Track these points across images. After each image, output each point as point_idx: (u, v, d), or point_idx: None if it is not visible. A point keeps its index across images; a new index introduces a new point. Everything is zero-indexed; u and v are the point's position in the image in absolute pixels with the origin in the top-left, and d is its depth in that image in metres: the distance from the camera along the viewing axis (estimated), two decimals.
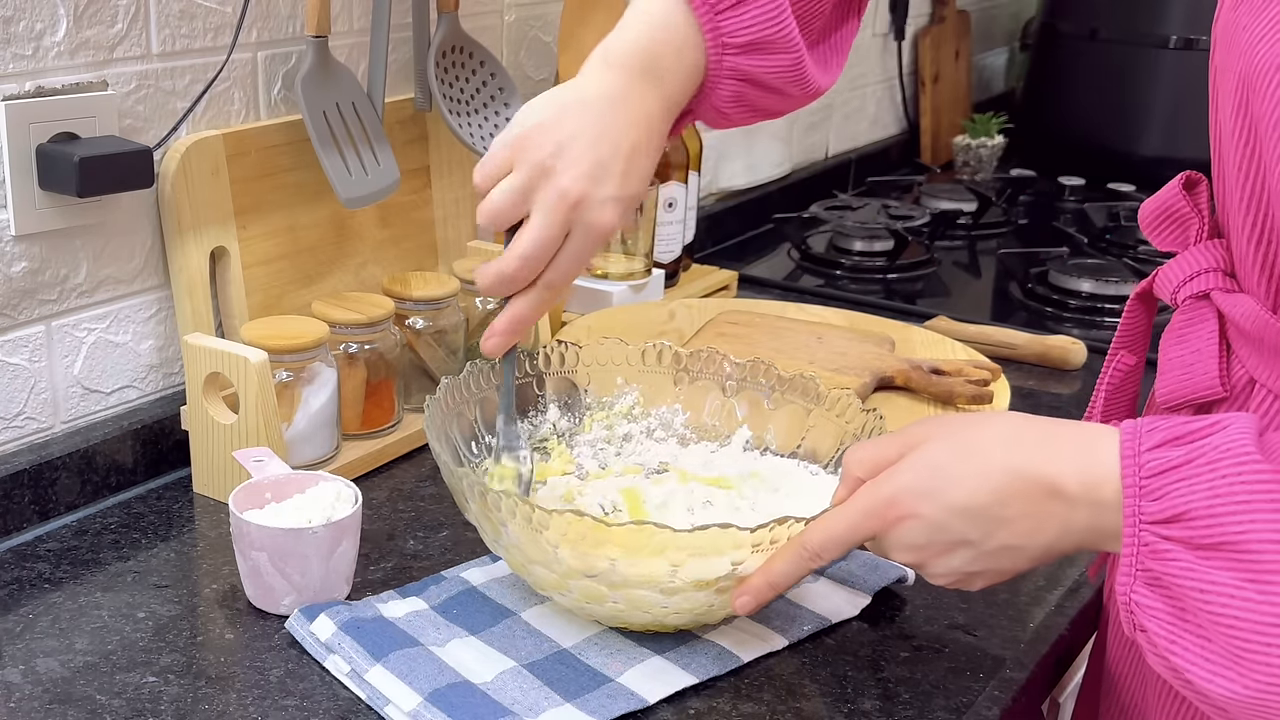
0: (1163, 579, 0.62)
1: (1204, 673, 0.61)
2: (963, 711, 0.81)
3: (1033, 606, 0.93)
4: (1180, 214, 0.77)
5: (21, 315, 0.99)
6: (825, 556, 0.75)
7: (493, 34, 1.35)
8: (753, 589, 0.78)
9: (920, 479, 0.70)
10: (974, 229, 1.92)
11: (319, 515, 0.88)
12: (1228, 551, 0.60)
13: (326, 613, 0.84)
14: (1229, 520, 0.60)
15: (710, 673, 0.83)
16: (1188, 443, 0.63)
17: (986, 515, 0.68)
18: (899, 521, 0.71)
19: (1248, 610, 0.59)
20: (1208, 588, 0.61)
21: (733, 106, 0.86)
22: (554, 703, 0.79)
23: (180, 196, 1.05)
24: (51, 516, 1.00)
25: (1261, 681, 0.59)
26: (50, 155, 0.96)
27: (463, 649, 0.83)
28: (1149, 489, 0.63)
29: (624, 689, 0.80)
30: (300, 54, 1.14)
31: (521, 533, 0.79)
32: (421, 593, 0.90)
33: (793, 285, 1.66)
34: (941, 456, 0.70)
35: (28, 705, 0.78)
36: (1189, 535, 0.61)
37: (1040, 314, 1.59)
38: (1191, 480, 0.62)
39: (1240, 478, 0.60)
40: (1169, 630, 0.63)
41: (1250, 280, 0.71)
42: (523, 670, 0.82)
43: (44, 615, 0.87)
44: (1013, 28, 2.66)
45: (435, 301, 1.16)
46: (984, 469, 0.69)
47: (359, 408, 1.10)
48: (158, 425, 1.07)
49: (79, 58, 0.99)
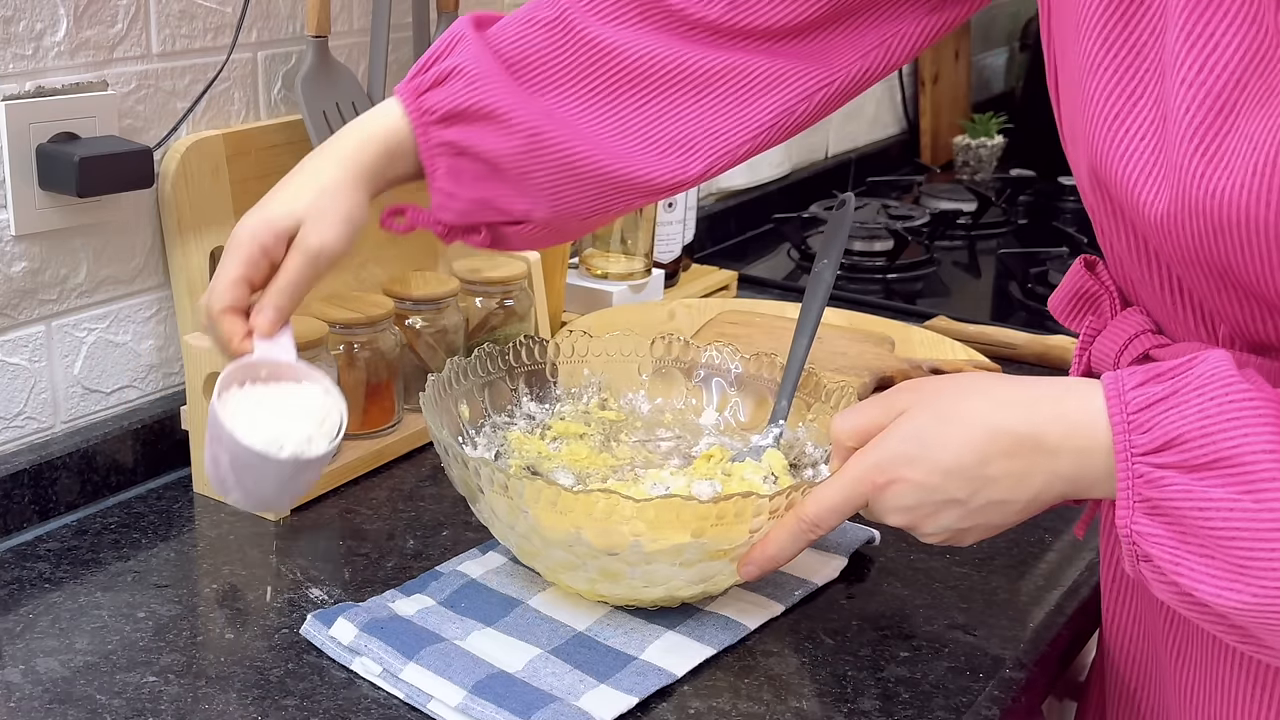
0: (1161, 505, 0.64)
1: (1211, 588, 0.62)
2: (963, 711, 0.81)
3: (1033, 606, 0.93)
4: (1090, 293, 0.81)
5: (21, 315, 0.99)
6: (823, 525, 0.78)
7: None
8: (756, 560, 0.82)
9: (907, 445, 0.72)
10: (974, 229, 1.92)
11: (296, 433, 0.83)
12: (1222, 468, 0.62)
13: (344, 616, 0.84)
14: (1221, 437, 0.62)
15: (724, 642, 0.86)
16: (1170, 377, 0.65)
17: (972, 474, 0.70)
18: (889, 486, 0.73)
19: (1248, 521, 0.61)
20: (1206, 505, 0.62)
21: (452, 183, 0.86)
22: (589, 685, 0.81)
23: (180, 196, 1.05)
24: (51, 516, 1.00)
25: (1269, 587, 0.61)
26: (50, 155, 0.96)
27: (484, 640, 0.85)
28: (1137, 423, 0.64)
29: (651, 665, 0.83)
30: (300, 54, 1.14)
31: (543, 515, 0.81)
32: (424, 589, 0.90)
33: (793, 285, 1.66)
34: (925, 421, 0.72)
35: (28, 705, 0.78)
36: (1182, 459, 0.63)
37: (1040, 314, 1.58)
38: (1181, 408, 0.63)
39: (1229, 398, 0.62)
40: (1172, 553, 0.64)
41: (1183, 328, 0.73)
42: (550, 656, 0.83)
43: (44, 615, 0.87)
44: (1013, 28, 2.66)
45: (435, 301, 1.16)
46: (966, 430, 0.70)
47: (359, 408, 1.10)
48: (158, 425, 1.07)
49: (79, 58, 0.99)
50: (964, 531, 0.74)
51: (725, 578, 0.85)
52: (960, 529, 0.73)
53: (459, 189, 0.86)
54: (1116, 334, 0.77)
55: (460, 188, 0.86)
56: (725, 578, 0.85)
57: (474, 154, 0.85)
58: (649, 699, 0.80)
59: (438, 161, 0.86)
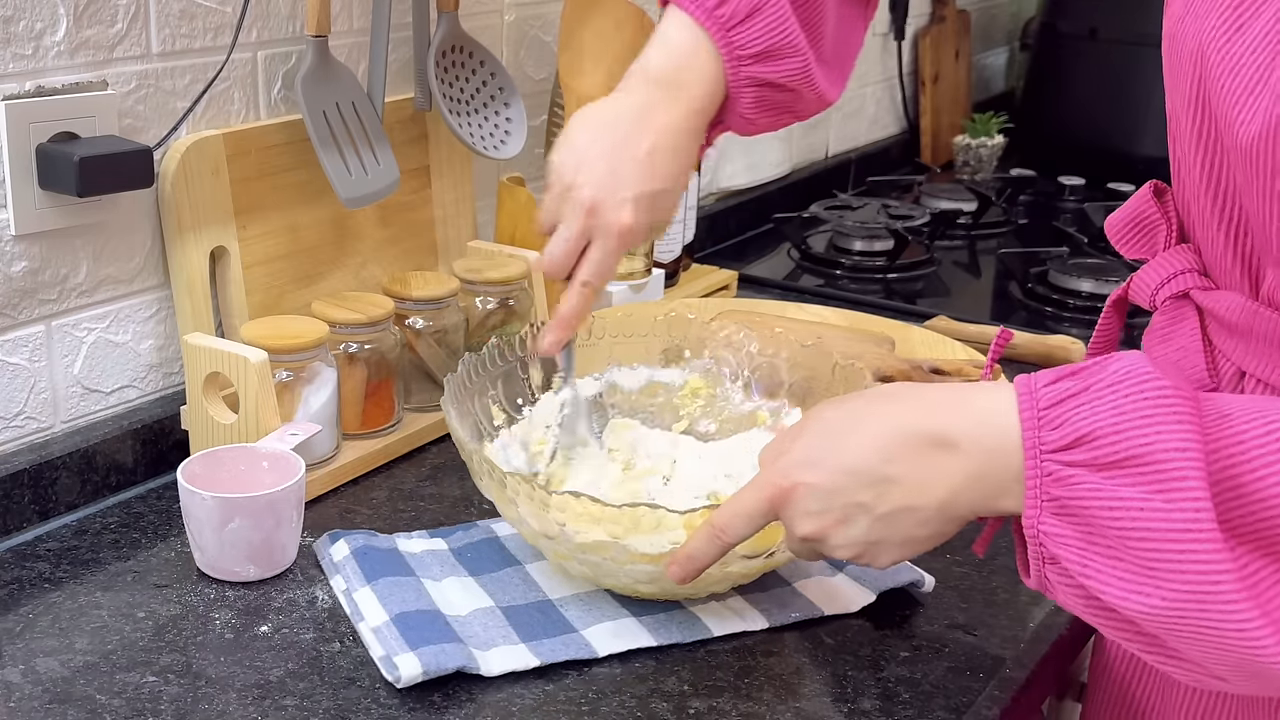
0: (1069, 505, 0.62)
1: (1119, 591, 0.61)
2: (963, 711, 0.81)
3: (1033, 606, 0.93)
4: (1149, 221, 0.78)
5: (21, 315, 0.99)
6: (729, 531, 0.76)
7: (493, 34, 1.35)
8: (678, 560, 0.80)
9: (810, 447, 0.71)
10: (974, 229, 1.92)
11: (247, 484, 0.94)
12: (1133, 466, 0.60)
13: (346, 539, 0.93)
14: (1134, 434, 0.60)
15: (672, 639, 0.86)
16: (1082, 375, 0.63)
17: (875, 475, 0.68)
18: (794, 489, 0.71)
19: (1158, 520, 0.59)
20: (1115, 505, 0.60)
21: (756, 111, 0.94)
22: (510, 641, 0.84)
23: (180, 196, 1.05)
24: (51, 516, 1.00)
25: (1178, 590, 0.59)
26: (50, 155, 0.96)
27: (454, 586, 0.90)
28: (1048, 419, 0.63)
29: (580, 639, 0.85)
30: (300, 54, 1.14)
31: (531, 512, 0.84)
32: (448, 536, 0.97)
33: (793, 285, 1.66)
34: (830, 424, 0.72)
35: (28, 705, 0.78)
36: (1092, 457, 0.61)
37: (1040, 314, 1.59)
38: (1093, 404, 0.62)
39: (1143, 395, 0.61)
40: (1079, 554, 0.62)
41: (1229, 276, 0.72)
42: (497, 610, 0.88)
43: (44, 615, 0.87)
44: (1013, 28, 2.66)
45: (435, 301, 1.16)
46: (869, 430, 0.69)
47: (359, 408, 1.10)
48: (158, 425, 1.07)
49: (79, 57, 0.99)
50: (875, 545, 0.71)
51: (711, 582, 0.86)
52: (871, 541, 0.70)
53: (759, 115, 0.95)
54: (1160, 268, 0.76)
55: (761, 114, 0.95)
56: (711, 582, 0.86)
57: (777, 84, 0.93)
58: (649, 699, 0.80)
59: (744, 92, 0.93)
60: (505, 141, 1.26)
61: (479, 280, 1.21)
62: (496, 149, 1.25)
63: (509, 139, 1.26)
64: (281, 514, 0.91)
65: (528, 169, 1.42)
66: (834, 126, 2.11)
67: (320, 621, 0.88)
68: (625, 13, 1.32)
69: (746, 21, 0.90)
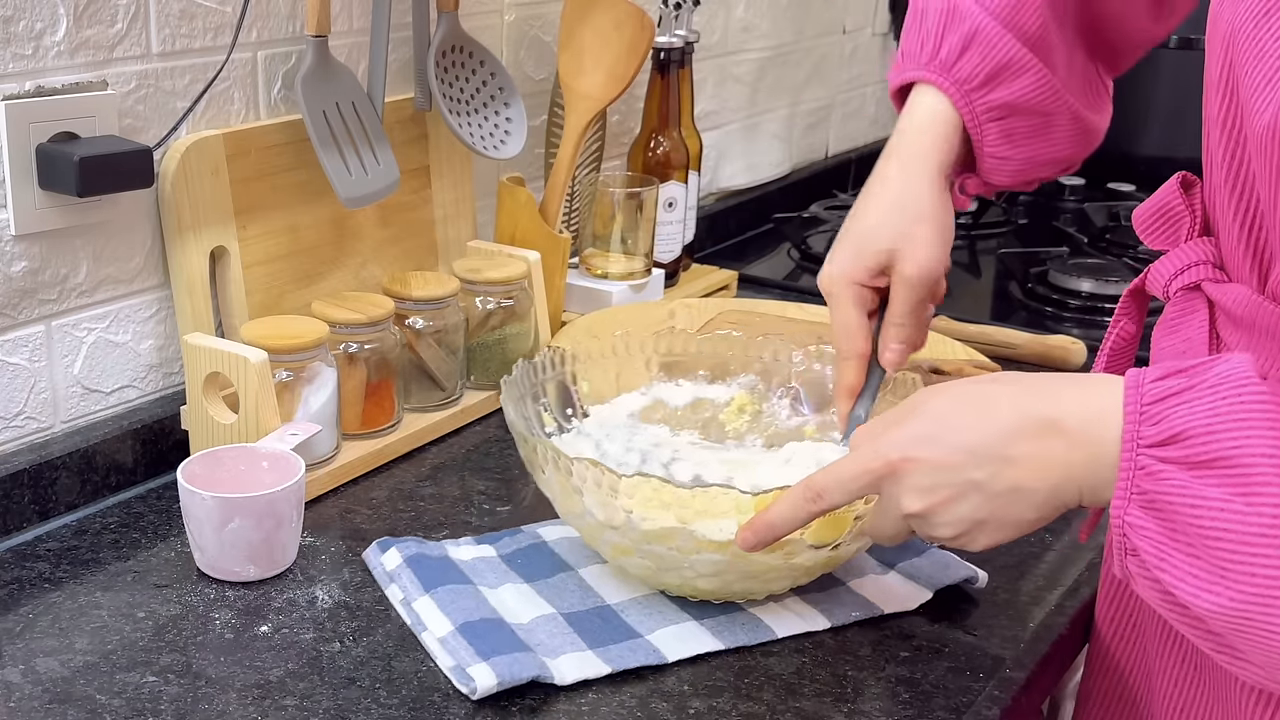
0: (1156, 500, 0.63)
1: (1190, 587, 0.62)
2: (963, 711, 0.81)
3: (1033, 606, 0.93)
4: (1175, 213, 0.79)
5: (21, 315, 0.99)
6: (826, 496, 0.75)
7: (493, 34, 1.35)
8: (754, 526, 0.79)
9: (925, 426, 0.71)
10: (974, 229, 1.92)
11: (247, 484, 0.93)
12: (1221, 467, 0.61)
13: (397, 546, 0.93)
14: (1225, 437, 0.61)
15: (739, 641, 0.85)
16: (1189, 373, 0.64)
17: (993, 454, 0.68)
18: (904, 465, 0.71)
19: (1236, 523, 0.60)
20: (1199, 503, 0.61)
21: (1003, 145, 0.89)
22: (577, 648, 0.83)
23: (180, 196, 1.05)
24: (51, 516, 1.00)
25: (1246, 592, 0.60)
26: (50, 155, 0.96)
27: (512, 592, 0.89)
28: (1149, 414, 0.64)
29: (647, 644, 0.84)
30: (300, 54, 1.14)
31: (598, 501, 0.83)
32: (495, 542, 0.96)
33: (793, 285, 1.66)
34: (945, 406, 0.71)
35: (28, 705, 0.78)
36: (1185, 455, 0.62)
37: (1040, 314, 1.58)
38: (1192, 403, 0.62)
39: (1240, 399, 0.61)
40: (1159, 549, 0.63)
41: (1241, 269, 0.72)
42: (559, 617, 0.87)
43: (44, 615, 0.87)
44: None
45: (435, 301, 1.16)
46: (989, 411, 0.69)
47: (359, 408, 1.10)
48: (158, 425, 1.07)
49: (79, 57, 0.99)
50: (980, 525, 0.71)
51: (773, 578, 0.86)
52: (977, 520, 0.70)
53: (1013, 150, 0.89)
54: (1177, 259, 0.76)
55: (1014, 149, 0.89)
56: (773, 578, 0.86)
57: (1021, 108, 0.88)
58: (649, 699, 0.80)
59: (987, 128, 0.88)
60: (505, 141, 1.26)
61: (479, 280, 1.21)
62: (496, 149, 1.25)
63: (509, 139, 1.26)
64: (281, 514, 0.91)
65: (528, 169, 1.42)
66: (834, 126, 2.11)
67: (320, 621, 0.88)
68: (625, 13, 1.32)
69: (964, 55, 0.87)
